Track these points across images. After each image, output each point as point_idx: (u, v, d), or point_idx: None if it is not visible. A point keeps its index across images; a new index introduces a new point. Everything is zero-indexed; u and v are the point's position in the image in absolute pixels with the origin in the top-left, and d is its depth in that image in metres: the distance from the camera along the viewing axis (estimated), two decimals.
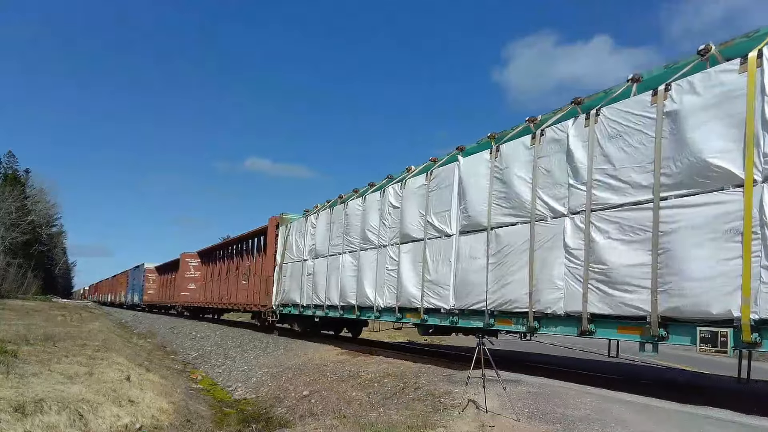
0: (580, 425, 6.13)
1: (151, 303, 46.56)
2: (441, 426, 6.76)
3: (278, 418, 10.37)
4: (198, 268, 34.41)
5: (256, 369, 15.17)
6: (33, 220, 71.40)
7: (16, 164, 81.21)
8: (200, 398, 12.48)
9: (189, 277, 34.50)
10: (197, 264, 34.51)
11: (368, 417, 7.71)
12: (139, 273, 50.31)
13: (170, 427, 8.64)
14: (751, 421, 6.07)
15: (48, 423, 6.89)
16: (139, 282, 50.22)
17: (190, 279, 34.48)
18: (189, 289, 34.29)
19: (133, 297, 53.58)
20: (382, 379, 10.38)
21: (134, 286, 53.41)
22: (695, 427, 5.93)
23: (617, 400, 7.21)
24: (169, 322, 32.79)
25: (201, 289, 33.59)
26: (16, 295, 54.70)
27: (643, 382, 9.84)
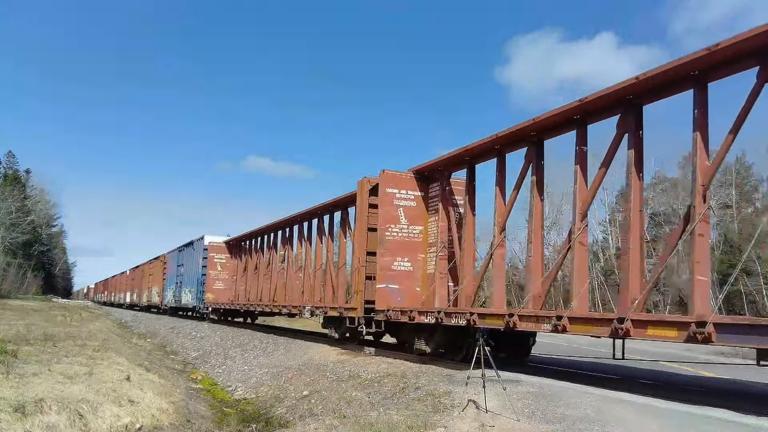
0: (580, 425, 6.13)
1: (221, 306, 28.08)
2: (441, 426, 6.76)
3: (278, 418, 10.37)
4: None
5: (257, 369, 15.18)
6: (33, 220, 71.47)
7: (16, 164, 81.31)
8: (200, 398, 12.48)
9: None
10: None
11: (368, 417, 7.71)
12: (195, 255, 31.89)
13: (170, 427, 8.64)
14: (751, 421, 6.07)
15: (48, 423, 6.89)
16: (194, 270, 31.74)
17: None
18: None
19: (180, 295, 34.58)
20: (382, 379, 10.39)
21: (184, 278, 34.36)
22: (695, 427, 5.93)
23: (617, 400, 7.21)
24: (169, 322, 32.79)
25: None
26: (16, 295, 54.74)
27: (643, 383, 9.84)
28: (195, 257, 31.85)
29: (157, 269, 43.86)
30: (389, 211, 12.93)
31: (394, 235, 12.96)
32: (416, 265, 13.04)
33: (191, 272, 32.60)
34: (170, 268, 39.05)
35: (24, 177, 79.71)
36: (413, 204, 13.13)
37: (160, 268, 42.61)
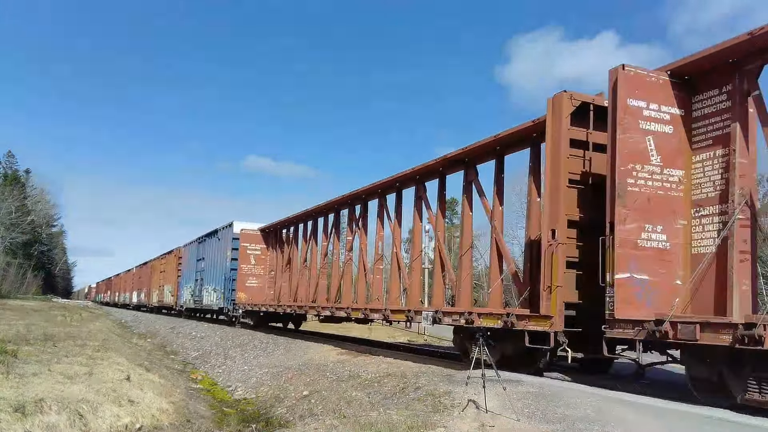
0: (580, 425, 6.13)
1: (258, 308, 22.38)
2: (441, 426, 6.76)
3: (278, 418, 10.37)
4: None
5: (257, 369, 15.18)
6: (33, 220, 71.47)
7: (16, 164, 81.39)
8: (200, 398, 12.48)
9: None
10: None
11: (368, 417, 7.71)
12: (221, 246, 26.71)
13: (170, 427, 8.64)
14: (751, 421, 6.07)
15: (48, 423, 6.89)
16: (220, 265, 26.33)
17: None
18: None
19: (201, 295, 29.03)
20: (382, 379, 10.38)
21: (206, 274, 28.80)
22: (695, 427, 5.93)
23: (618, 400, 7.21)
24: (169, 322, 32.77)
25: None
26: (16, 295, 54.73)
27: (643, 383, 9.84)
28: (221, 249, 26.30)
29: (170, 265, 38.09)
30: (634, 140, 7.74)
31: (642, 183, 7.75)
32: (675, 238, 7.88)
33: (216, 267, 26.91)
34: (187, 263, 33.60)
35: (24, 177, 79.72)
36: (670, 130, 7.98)
37: (174, 263, 36.79)
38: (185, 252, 34.83)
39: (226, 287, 24.80)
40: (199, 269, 30.37)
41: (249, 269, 23.93)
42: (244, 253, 23.87)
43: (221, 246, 26.41)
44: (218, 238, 27.19)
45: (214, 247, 27.79)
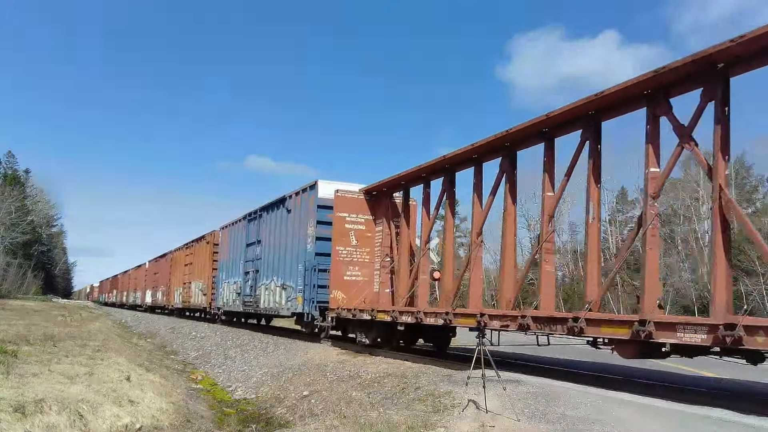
0: (580, 425, 6.13)
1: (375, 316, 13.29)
2: (441, 426, 6.76)
3: (278, 418, 10.37)
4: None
5: (256, 369, 15.18)
6: (33, 220, 71.54)
7: (16, 164, 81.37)
8: (200, 398, 12.48)
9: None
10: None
11: (368, 417, 7.71)
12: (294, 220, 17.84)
13: (170, 427, 8.64)
14: (751, 421, 6.07)
15: (48, 423, 6.89)
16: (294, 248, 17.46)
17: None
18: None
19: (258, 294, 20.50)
20: (382, 379, 10.39)
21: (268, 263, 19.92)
22: (695, 427, 5.93)
23: (617, 400, 7.21)
24: (169, 322, 32.76)
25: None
26: (16, 295, 54.77)
27: (643, 383, 9.84)
28: (294, 225, 17.52)
29: (201, 255, 29.42)
30: None
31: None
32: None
33: (285, 252, 18.05)
34: (229, 251, 24.93)
35: (24, 177, 79.74)
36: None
37: (206, 253, 28.55)
38: (225, 236, 25.96)
39: (307, 282, 15.78)
40: (251, 257, 21.41)
41: (349, 254, 15.34)
42: (340, 229, 15.21)
43: (295, 221, 17.57)
44: (287, 209, 18.23)
45: (281, 223, 18.81)
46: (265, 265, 20.05)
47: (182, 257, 34.39)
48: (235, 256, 24.05)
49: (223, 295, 25.42)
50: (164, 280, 39.77)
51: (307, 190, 17.03)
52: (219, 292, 26.25)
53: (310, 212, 16.48)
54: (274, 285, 18.84)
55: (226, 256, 25.61)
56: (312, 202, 16.41)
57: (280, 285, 18.22)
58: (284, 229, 18.61)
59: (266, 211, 20.68)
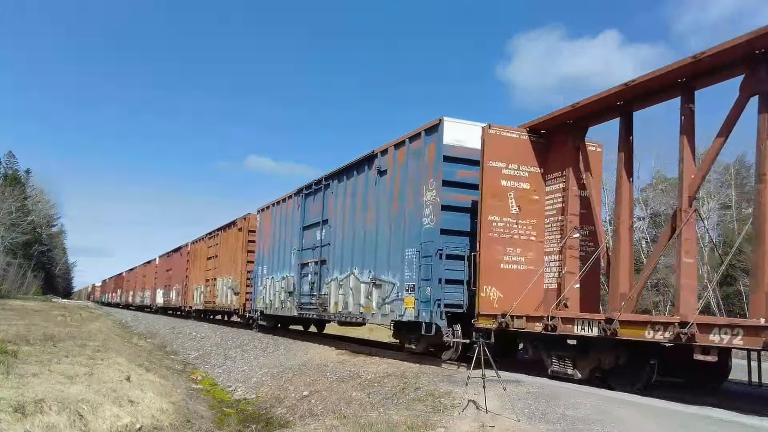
0: (580, 425, 6.13)
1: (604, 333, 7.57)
2: (441, 426, 6.76)
3: (278, 418, 10.37)
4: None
5: (257, 369, 15.18)
6: (33, 220, 71.56)
7: (16, 164, 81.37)
8: (200, 398, 12.48)
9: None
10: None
11: (368, 417, 7.71)
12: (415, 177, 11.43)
13: (170, 427, 8.64)
14: (751, 421, 6.07)
15: (48, 423, 6.89)
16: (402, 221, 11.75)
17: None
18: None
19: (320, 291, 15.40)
20: (382, 379, 10.39)
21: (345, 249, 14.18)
22: (695, 427, 5.93)
23: (617, 400, 7.21)
24: (169, 322, 32.74)
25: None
26: (16, 295, 54.76)
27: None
28: (394, 189, 12.35)
29: (231, 246, 24.69)
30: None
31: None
32: None
33: (381, 232, 12.69)
34: (275, 238, 19.57)
35: (24, 177, 79.76)
36: None
37: (239, 242, 23.55)
38: (267, 220, 20.67)
39: (425, 275, 10.73)
40: (310, 244, 16.39)
41: (507, 227, 10.15)
42: (493, 188, 10.05)
43: (395, 185, 12.27)
44: (380, 169, 12.88)
45: (368, 191, 13.39)
46: (338, 254, 14.54)
47: (203, 250, 28.93)
48: (284, 243, 18.63)
49: (265, 294, 20.06)
50: (179, 277, 34.18)
51: (420, 136, 11.32)
52: (258, 291, 20.93)
53: (427, 169, 10.99)
54: (356, 281, 13.50)
55: (268, 245, 20.12)
56: (432, 154, 10.90)
57: (369, 280, 12.84)
58: (374, 200, 13.02)
59: (337, 178, 14.94)
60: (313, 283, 16.02)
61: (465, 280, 10.59)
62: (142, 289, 49.42)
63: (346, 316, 13.94)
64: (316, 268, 15.96)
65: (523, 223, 10.32)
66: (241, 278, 23.15)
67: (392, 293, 11.99)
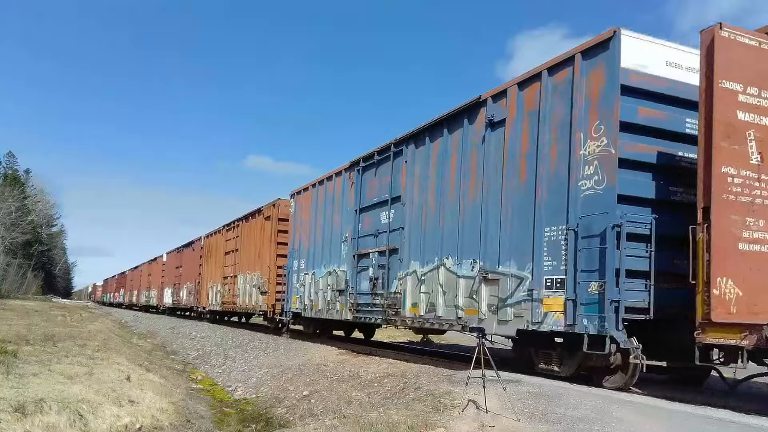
0: (580, 425, 6.13)
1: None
2: (441, 426, 6.76)
3: (278, 418, 10.37)
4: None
5: (256, 369, 15.18)
6: (33, 220, 71.55)
7: (16, 164, 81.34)
8: (200, 398, 12.48)
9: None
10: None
11: (368, 417, 7.71)
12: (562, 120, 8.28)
13: (170, 427, 8.64)
14: (751, 421, 6.07)
15: (48, 423, 6.89)
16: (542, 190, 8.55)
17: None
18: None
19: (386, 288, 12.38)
20: (382, 379, 10.39)
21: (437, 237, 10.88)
22: (695, 427, 5.93)
23: (617, 400, 7.21)
24: (169, 322, 32.73)
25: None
26: (16, 295, 54.74)
27: (643, 383, 9.83)
28: (520, 144, 9.08)
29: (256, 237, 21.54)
30: None
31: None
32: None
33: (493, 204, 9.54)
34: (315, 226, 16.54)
35: (24, 177, 79.74)
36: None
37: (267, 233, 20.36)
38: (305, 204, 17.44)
39: (584, 265, 7.75)
40: (371, 230, 13.32)
41: (746, 185, 6.68)
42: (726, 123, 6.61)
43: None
44: (490, 120, 9.80)
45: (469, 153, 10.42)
46: (417, 239, 11.51)
47: (220, 243, 26.01)
48: (329, 231, 15.51)
49: (303, 293, 16.83)
50: (191, 275, 31.25)
51: (571, 63, 8.24)
52: (293, 290, 17.70)
53: (587, 108, 8.01)
54: (448, 275, 10.44)
55: (306, 235, 17.01)
56: (598, 85, 7.86)
57: (474, 274, 9.74)
58: (481, 163, 9.94)
59: (415, 141, 11.85)
60: (376, 278, 12.82)
61: (650, 271, 7.49)
62: (148, 289, 46.63)
63: (432, 322, 10.60)
64: (381, 260, 12.72)
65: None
66: (269, 275, 19.68)
67: (518, 291, 8.85)
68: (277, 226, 19.78)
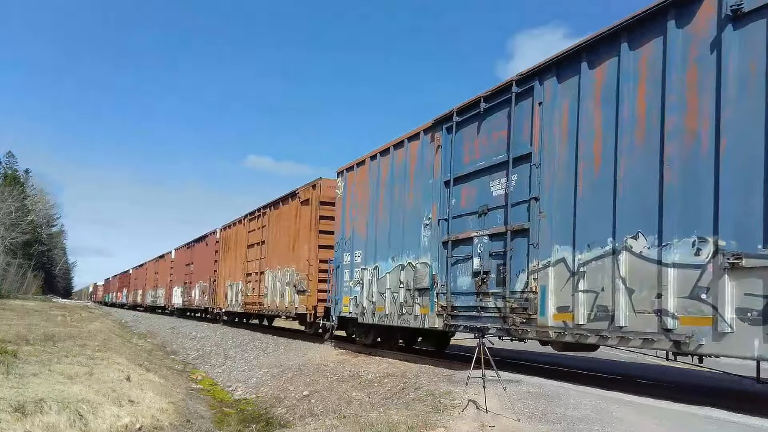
0: (580, 425, 6.13)
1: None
2: (441, 426, 6.76)
3: (278, 418, 10.38)
4: None
5: (257, 369, 15.18)
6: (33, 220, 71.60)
7: (16, 164, 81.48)
8: (200, 398, 12.48)
9: None
10: None
11: (368, 417, 7.71)
12: None
13: (170, 427, 8.64)
14: (751, 421, 6.07)
15: (48, 423, 6.89)
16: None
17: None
18: None
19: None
20: (382, 379, 10.39)
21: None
22: (695, 427, 5.92)
23: (617, 400, 7.21)
24: (169, 322, 32.73)
25: None
26: (16, 295, 54.76)
27: (643, 383, 9.85)
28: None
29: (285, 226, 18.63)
30: None
31: None
32: None
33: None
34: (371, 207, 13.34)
35: (24, 177, 79.83)
36: None
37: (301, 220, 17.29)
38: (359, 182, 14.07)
39: None
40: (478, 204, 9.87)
41: None
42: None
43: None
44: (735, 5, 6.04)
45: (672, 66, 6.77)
46: (565, 213, 8.21)
47: (241, 235, 23.09)
48: (400, 213, 12.10)
49: (360, 293, 13.46)
50: (205, 272, 28.52)
51: None
52: (343, 289, 14.34)
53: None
54: (635, 262, 7.11)
55: (363, 219, 13.62)
56: None
57: (704, 260, 6.32)
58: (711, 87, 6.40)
59: (557, 71, 8.56)
60: (485, 272, 9.44)
61: None
62: (154, 288, 43.26)
63: (606, 335, 7.31)
64: (493, 246, 9.37)
65: None
66: (308, 271, 16.32)
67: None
68: (319, 211, 16.38)
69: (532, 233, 8.65)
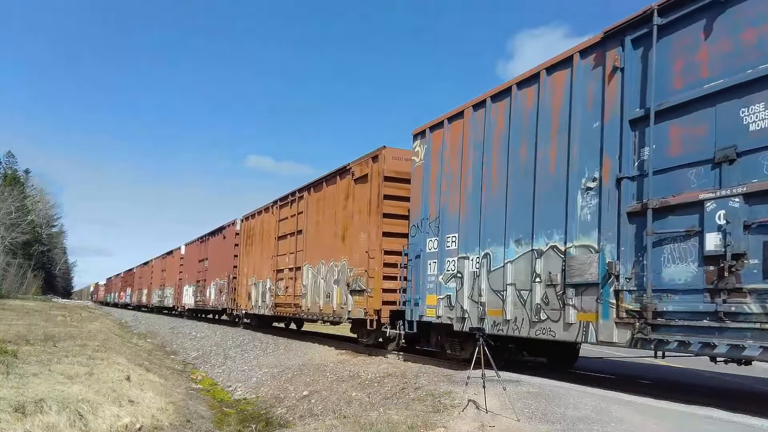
0: (580, 425, 6.13)
1: None
2: (441, 426, 6.75)
3: (278, 418, 10.38)
4: None
5: (257, 369, 15.18)
6: (33, 220, 71.58)
7: (16, 164, 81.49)
8: (200, 398, 12.48)
9: None
10: None
11: (368, 417, 7.71)
12: None
13: (170, 427, 8.64)
14: (751, 421, 6.07)
15: (48, 423, 6.90)
16: None
17: None
18: None
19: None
20: (382, 379, 10.39)
21: None
22: (695, 427, 5.93)
23: (617, 400, 7.21)
24: (169, 322, 32.71)
25: None
26: (16, 295, 54.75)
27: (643, 383, 9.84)
28: None
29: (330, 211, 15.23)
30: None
31: None
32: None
33: None
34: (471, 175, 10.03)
35: (24, 177, 79.83)
36: None
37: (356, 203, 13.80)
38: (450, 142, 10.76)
39: None
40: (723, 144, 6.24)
41: None
42: None
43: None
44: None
45: None
46: None
47: (270, 225, 19.74)
48: (528, 179, 8.87)
49: (456, 291, 10.28)
50: (221, 269, 25.12)
51: None
52: (426, 286, 11.14)
53: None
54: None
55: (456, 195, 10.51)
56: None
57: None
58: None
59: None
60: (736, 257, 6.03)
61: None
62: (161, 287, 39.25)
63: None
64: (754, 213, 6.00)
65: None
66: (368, 265, 12.75)
67: None
68: (380, 189, 12.76)
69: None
